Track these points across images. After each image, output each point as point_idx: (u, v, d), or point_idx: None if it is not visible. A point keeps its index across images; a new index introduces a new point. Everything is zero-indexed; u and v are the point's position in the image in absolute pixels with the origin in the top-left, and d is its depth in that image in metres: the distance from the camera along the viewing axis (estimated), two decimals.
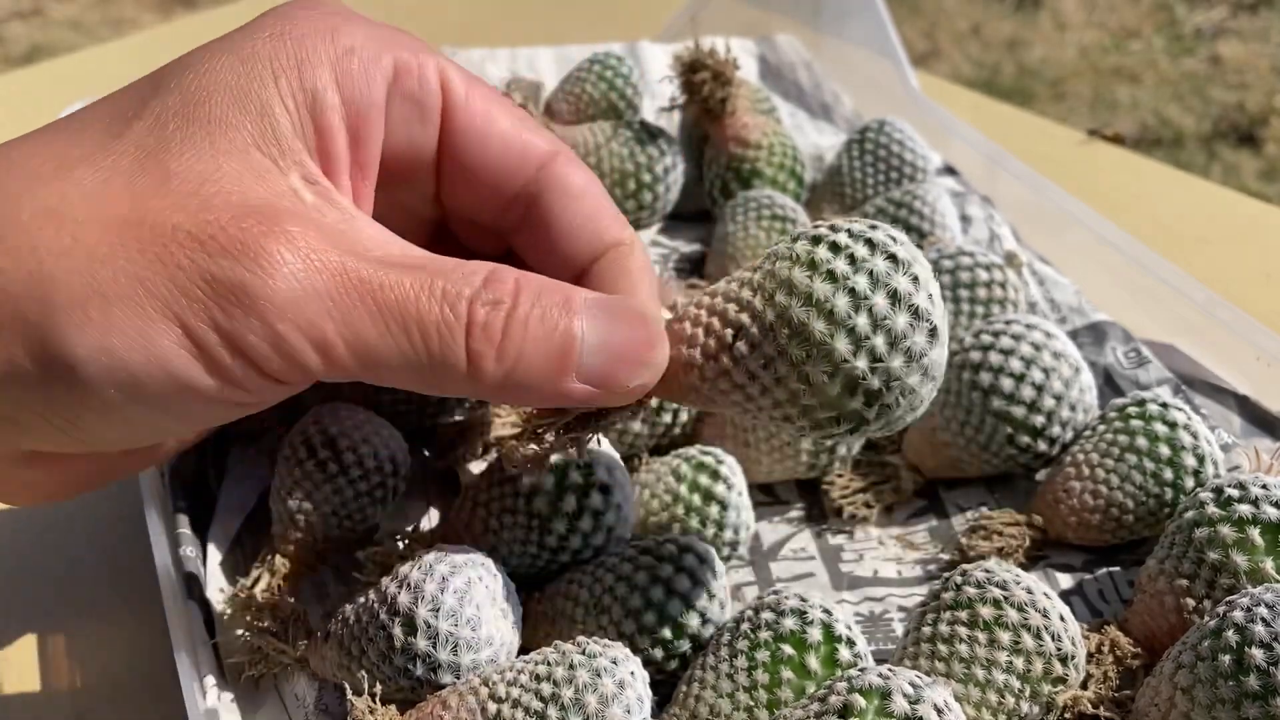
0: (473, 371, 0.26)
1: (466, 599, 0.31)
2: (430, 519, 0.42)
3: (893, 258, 0.27)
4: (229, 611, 0.35)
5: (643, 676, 0.30)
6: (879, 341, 0.26)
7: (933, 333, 0.27)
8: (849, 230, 0.28)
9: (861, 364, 0.26)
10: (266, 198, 0.26)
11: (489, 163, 0.32)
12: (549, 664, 0.30)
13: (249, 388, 0.26)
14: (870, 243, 0.27)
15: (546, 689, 0.29)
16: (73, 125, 0.27)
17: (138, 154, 0.26)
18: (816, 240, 0.28)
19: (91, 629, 0.40)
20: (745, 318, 0.28)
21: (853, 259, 0.27)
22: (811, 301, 0.26)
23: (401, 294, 0.26)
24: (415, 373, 0.26)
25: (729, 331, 0.28)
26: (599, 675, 0.29)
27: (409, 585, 0.31)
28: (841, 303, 0.26)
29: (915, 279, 0.27)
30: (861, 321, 0.26)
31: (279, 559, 0.37)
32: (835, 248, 0.27)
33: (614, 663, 0.30)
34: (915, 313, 0.27)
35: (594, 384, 0.28)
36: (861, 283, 0.26)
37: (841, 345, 0.26)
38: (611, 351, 0.28)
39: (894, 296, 0.26)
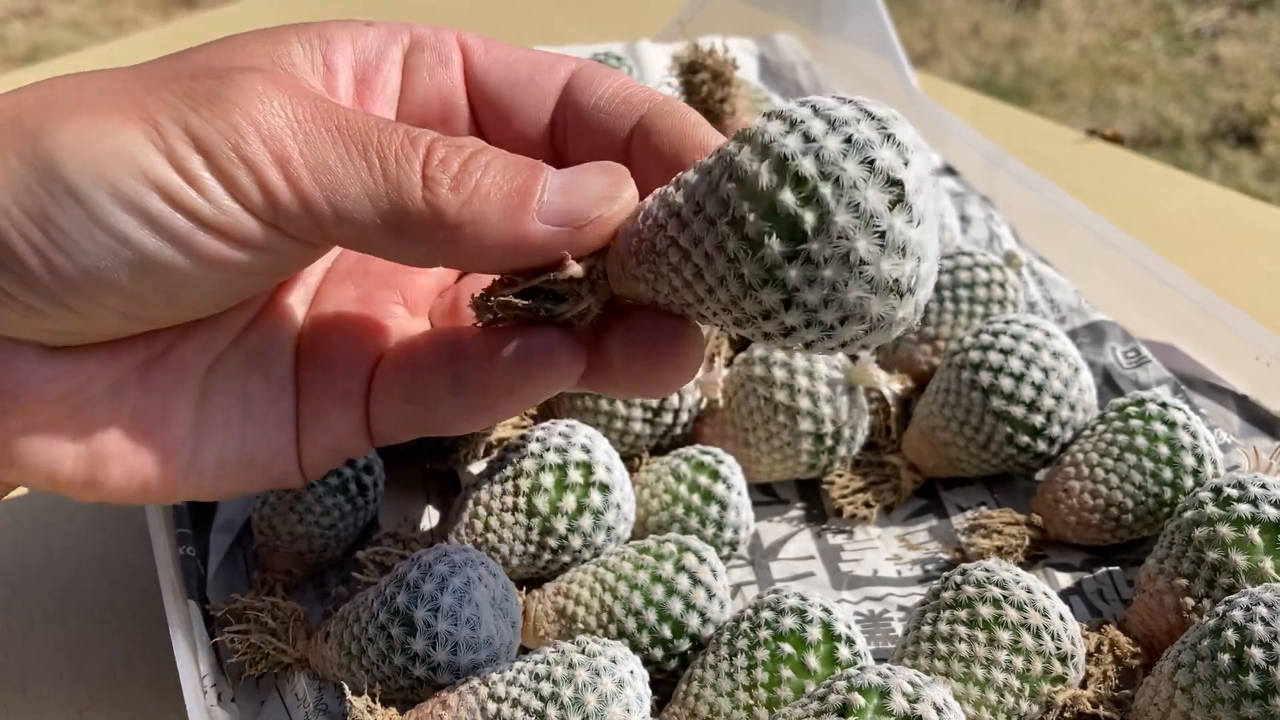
0: (428, 198, 0.26)
1: (465, 599, 0.31)
2: (430, 519, 0.42)
3: (870, 163, 0.21)
4: (230, 611, 0.35)
5: (642, 675, 0.30)
6: (827, 271, 0.22)
7: (903, 251, 0.22)
8: (828, 117, 0.22)
9: (794, 273, 0.22)
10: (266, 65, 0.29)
11: (518, 84, 0.33)
12: (548, 663, 0.30)
13: (211, 197, 0.26)
14: (849, 139, 0.22)
15: (546, 688, 0.29)
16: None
17: (169, 56, 0.29)
18: (787, 122, 0.23)
19: (91, 629, 0.40)
20: (680, 197, 0.24)
21: (819, 156, 0.21)
22: (755, 193, 0.22)
23: (365, 124, 0.27)
24: (373, 204, 0.26)
25: (675, 202, 0.25)
26: (598, 674, 0.29)
27: (408, 585, 0.31)
28: (789, 200, 0.22)
29: (897, 192, 0.21)
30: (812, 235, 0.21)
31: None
32: (807, 137, 0.22)
33: (613, 661, 0.30)
34: (881, 236, 0.21)
35: (555, 221, 0.26)
36: (827, 193, 0.21)
37: (775, 247, 0.22)
38: (574, 189, 0.27)
39: (858, 212, 0.21)
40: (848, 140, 0.22)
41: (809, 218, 0.22)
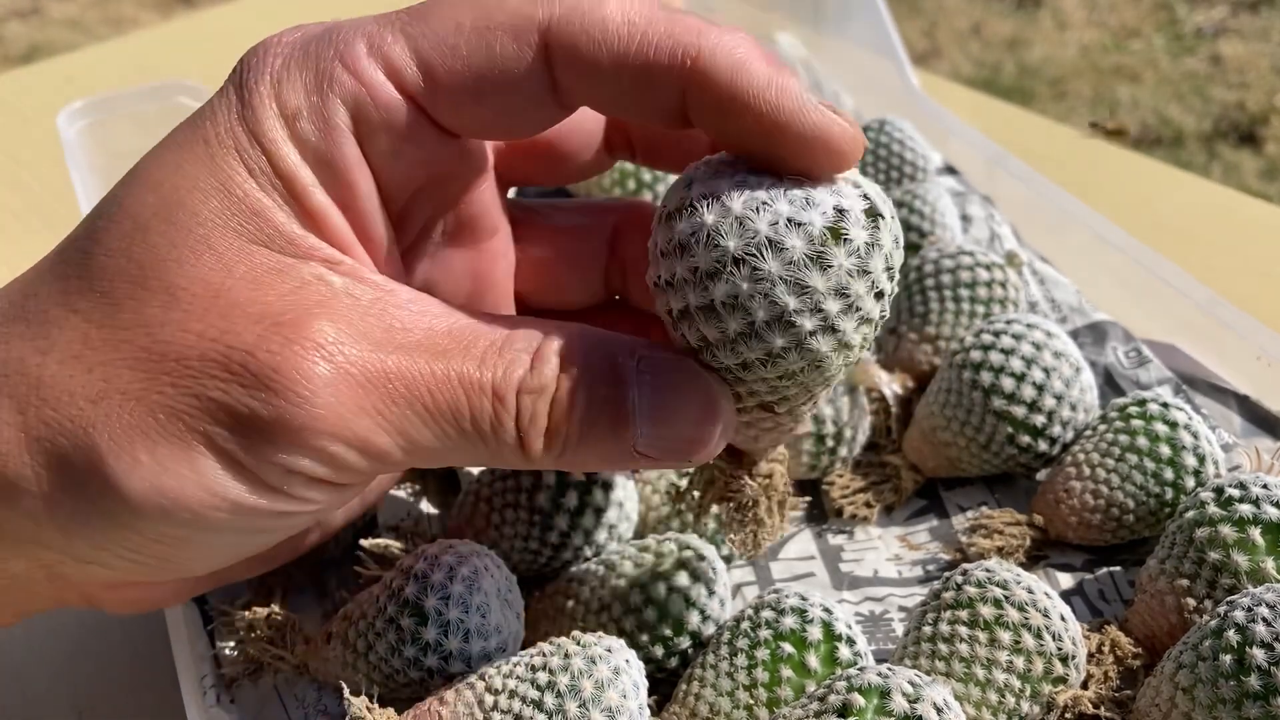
0: (528, 452, 0.26)
1: (475, 587, 0.31)
2: (431, 525, 0.41)
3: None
4: (223, 624, 0.35)
5: (638, 665, 0.30)
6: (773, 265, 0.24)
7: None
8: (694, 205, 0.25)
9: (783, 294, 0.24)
10: (291, 300, 0.25)
11: (484, 75, 0.26)
12: (544, 654, 0.30)
13: (308, 499, 0.26)
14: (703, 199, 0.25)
15: (543, 677, 0.29)
16: (39, 268, 0.27)
17: (134, 270, 0.25)
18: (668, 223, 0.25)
19: (91, 629, 0.40)
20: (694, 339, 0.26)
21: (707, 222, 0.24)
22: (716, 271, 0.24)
23: (452, 396, 0.25)
24: (473, 455, 0.27)
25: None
26: (594, 661, 0.29)
27: (415, 576, 0.31)
28: (732, 242, 0.24)
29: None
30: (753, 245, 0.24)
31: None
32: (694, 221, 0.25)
33: (609, 650, 0.30)
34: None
35: (654, 453, 0.26)
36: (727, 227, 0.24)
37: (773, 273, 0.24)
38: (664, 421, 0.26)
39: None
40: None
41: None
